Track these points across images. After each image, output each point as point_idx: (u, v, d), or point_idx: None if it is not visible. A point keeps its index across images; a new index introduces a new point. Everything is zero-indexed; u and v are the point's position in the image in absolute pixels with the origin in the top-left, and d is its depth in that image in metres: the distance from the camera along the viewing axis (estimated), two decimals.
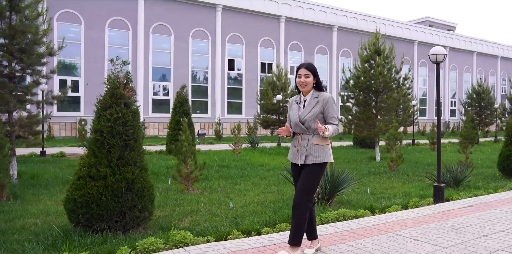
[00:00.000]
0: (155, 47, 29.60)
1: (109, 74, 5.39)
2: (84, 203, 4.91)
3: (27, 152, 15.47)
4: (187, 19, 30.34)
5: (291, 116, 4.32)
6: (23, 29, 8.80)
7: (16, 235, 5.03)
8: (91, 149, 5.13)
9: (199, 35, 31.19)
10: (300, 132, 4.22)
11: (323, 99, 4.18)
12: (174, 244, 4.55)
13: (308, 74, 4.19)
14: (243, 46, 33.15)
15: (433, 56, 7.46)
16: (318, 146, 4.12)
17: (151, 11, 29.00)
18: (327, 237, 5.00)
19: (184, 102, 15.42)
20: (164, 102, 29.77)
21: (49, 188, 8.46)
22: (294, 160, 4.28)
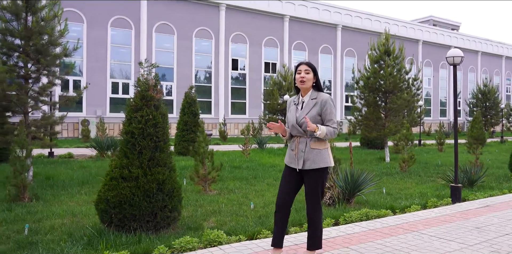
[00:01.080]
0: (158, 46, 29.79)
1: (138, 77, 5.59)
2: (117, 203, 5.11)
3: (35, 153, 15.62)
4: (190, 18, 30.53)
5: (288, 118, 4.24)
6: (39, 30, 8.99)
7: (49, 235, 5.23)
8: (122, 150, 5.32)
9: (203, 34, 31.39)
10: (297, 134, 4.11)
11: (322, 100, 4.08)
12: (208, 243, 4.75)
13: (308, 70, 4.11)
14: (247, 46, 33.36)
15: (451, 58, 7.68)
16: (317, 150, 4.02)
17: (154, 10, 29.19)
18: (355, 236, 5.21)
19: (192, 102, 15.61)
20: (168, 102, 29.95)
21: (66, 189, 8.64)
22: (291, 164, 4.17)
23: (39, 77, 9.43)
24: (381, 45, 14.77)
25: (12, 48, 9.11)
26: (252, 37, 33.47)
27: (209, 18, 31.35)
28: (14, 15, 8.99)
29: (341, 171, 7.37)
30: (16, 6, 8.87)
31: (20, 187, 7.35)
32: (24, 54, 9.05)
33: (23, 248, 4.73)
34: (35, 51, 9.14)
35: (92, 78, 27.43)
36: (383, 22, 40.77)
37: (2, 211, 6.57)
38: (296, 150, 4.09)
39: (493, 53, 53.17)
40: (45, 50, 9.20)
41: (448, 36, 47.80)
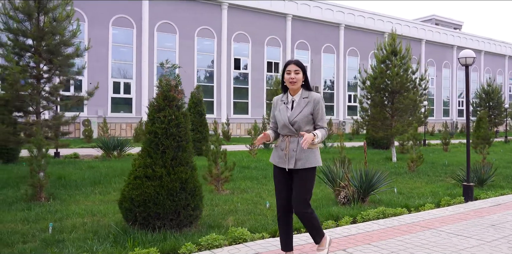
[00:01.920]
0: (160, 45, 29.95)
1: (160, 78, 5.77)
2: (141, 202, 5.28)
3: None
4: (192, 17, 30.70)
5: (277, 117, 4.19)
6: (52, 31, 9.17)
7: (74, 234, 5.40)
8: (145, 150, 5.50)
9: (205, 33, 31.56)
10: (288, 134, 4.09)
11: (314, 99, 4.09)
12: (233, 240, 4.94)
13: (298, 70, 4.07)
14: (249, 45, 33.54)
15: (463, 59, 7.86)
16: (309, 150, 4.02)
17: (156, 9, 29.35)
18: (374, 233, 5.40)
19: (198, 102, 15.78)
20: None
21: (79, 188, 8.81)
22: (280, 164, 4.14)
23: (51, 77, 9.60)
24: (388, 45, 14.94)
25: (24, 48, 9.29)
26: (255, 37, 33.65)
27: (211, 17, 31.52)
28: (26, 15, 9.16)
29: (355, 171, 7.56)
30: (28, 7, 9.04)
31: (37, 187, 7.52)
32: (36, 54, 9.21)
33: (51, 245, 4.89)
34: (48, 51, 9.31)
35: (93, 78, 27.55)
36: (386, 21, 41.00)
37: (22, 210, 6.75)
38: (286, 149, 4.06)
39: (496, 53, 53.43)
40: (57, 50, 9.37)
41: (451, 35, 48.04)
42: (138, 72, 28.90)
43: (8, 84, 8.73)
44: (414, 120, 14.53)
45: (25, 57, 9.56)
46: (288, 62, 4.15)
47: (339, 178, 7.45)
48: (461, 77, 49.74)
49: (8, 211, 6.66)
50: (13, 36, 9.27)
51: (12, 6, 9.13)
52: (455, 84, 48.97)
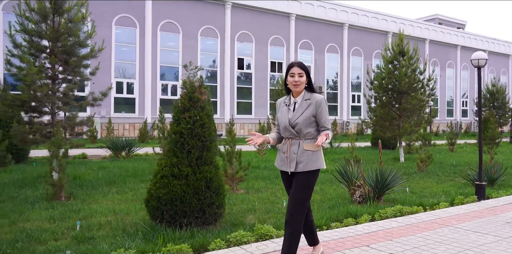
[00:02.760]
0: (163, 45, 30.18)
1: (184, 79, 6.01)
2: (168, 200, 5.52)
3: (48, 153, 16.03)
4: (195, 17, 30.94)
5: (279, 119, 4.20)
6: (68, 32, 9.40)
7: (101, 231, 5.64)
8: (171, 150, 5.74)
9: (208, 33, 31.81)
10: (289, 136, 4.09)
11: (316, 101, 4.06)
12: (260, 236, 5.18)
13: (302, 73, 4.06)
14: (253, 45, 33.79)
15: (475, 61, 8.11)
16: (311, 152, 4.00)
17: (159, 8, 29.58)
18: (394, 230, 5.65)
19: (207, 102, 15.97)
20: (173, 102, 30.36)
21: (96, 188, 9.04)
22: (283, 167, 4.14)
23: (66, 78, 9.83)
24: (396, 46, 15.18)
25: (40, 49, 9.51)
26: (258, 36, 33.90)
27: (215, 17, 31.77)
28: (42, 16, 9.39)
29: (370, 170, 7.81)
30: (44, 8, 9.28)
31: (57, 186, 7.76)
32: (52, 55, 9.44)
33: (83, 242, 5.13)
34: (63, 52, 9.54)
35: (96, 78, 27.72)
36: (390, 21, 41.31)
37: (46, 209, 6.98)
38: (288, 152, 4.06)
39: (500, 53, 53.72)
40: (73, 51, 9.61)
41: (455, 35, 48.33)
42: (141, 72, 29.13)
43: (25, 85, 8.97)
44: (422, 120, 14.77)
45: (40, 58, 9.78)
46: (292, 65, 4.13)
47: (354, 178, 7.70)
48: (464, 77, 50.02)
49: (32, 210, 6.90)
50: (29, 37, 9.49)
51: (28, 8, 9.37)
52: (459, 84, 49.25)
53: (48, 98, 9.34)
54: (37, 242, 5.17)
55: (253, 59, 33.89)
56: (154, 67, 29.60)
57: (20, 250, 4.79)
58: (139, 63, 29.06)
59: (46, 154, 15.67)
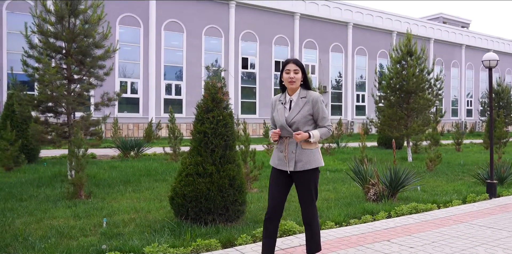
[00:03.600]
0: (167, 45, 30.43)
1: (207, 81, 6.29)
2: (193, 198, 5.81)
3: (58, 153, 16.33)
4: (199, 16, 31.20)
5: (275, 118, 4.19)
6: (84, 33, 9.68)
7: (128, 228, 5.92)
8: (196, 149, 6.02)
9: (212, 32, 32.06)
10: (287, 135, 4.07)
11: (312, 99, 4.07)
12: (283, 232, 5.46)
13: (297, 69, 4.06)
14: (257, 44, 34.05)
15: (487, 62, 8.39)
16: (309, 151, 4.03)
17: (163, 7, 29.82)
18: (411, 226, 5.94)
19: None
20: (177, 102, 30.61)
21: (112, 187, 9.31)
22: (280, 166, 4.13)
23: (82, 78, 10.11)
24: (403, 46, 15.46)
25: (57, 50, 9.79)
26: (262, 35, 34.17)
27: (219, 16, 32.03)
28: (59, 18, 9.68)
29: (384, 169, 8.09)
30: (61, 9, 9.56)
31: (77, 185, 8.03)
32: (69, 56, 9.72)
33: (112, 238, 5.40)
34: (79, 53, 9.82)
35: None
36: (395, 20, 41.58)
37: (69, 207, 7.25)
38: (286, 151, 4.06)
39: (505, 52, 53.92)
40: (88, 52, 9.89)
41: (460, 34, 48.57)
42: (145, 71, 29.38)
43: (43, 86, 9.25)
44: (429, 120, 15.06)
45: (55, 59, 10.06)
46: (287, 61, 4.13)
47: (369, 176, 7.98)
48: (469, 77, 50.26)
49: (55, 208, 7.17)
50: (44, 38, 9.76)
51: (45, 9, 9.65)
52: (463, 84, 49.48)
53: (64, 98, 9.61)
54: (67, 238, 5.43)
55: (257, 58, 34.16)
56: (158, 66, 29.85)
57: (54, 245, 5.05)
58: (143, 62, 29.31)
59: (55, 154, 16.01)
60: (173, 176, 10.67)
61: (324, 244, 5.02)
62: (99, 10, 9.97)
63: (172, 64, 30.63)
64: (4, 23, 25.29)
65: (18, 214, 6.71)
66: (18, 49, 25.59)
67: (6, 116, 13.27)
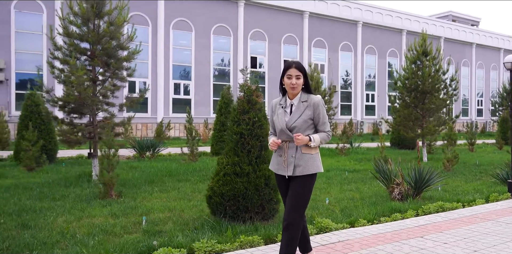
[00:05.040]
0: (176, 44, 30.83)
1: (242, 84, 6.67)
2: (231, 197, 6.18)
3: (74, 153, 16.73)
4: (208, 15, 31.60)
5: (275, 122, 4.18)
6: (110, 35, 10.07)
7: (167, 226, 6.29)
8: (232, 149, 6.39)
9: (221, 31, 32.46)
10: (286, 139, 4.08)
11: (313, 103, 4.06)
12: (320, 229, 5.84)
13: (299, 75, 4.03)
14: (266, 43, 34.44)
15: (508, 64, 8.74)
16: (309, 155, 4.03)
17: (172, 6, 30.21)
18: (441, 224, 6.31)
19: (229, 103, 16.63)
20: (185, 102, 31.00)
21: (138, 187, 9.68)
22: (279, 171, 4.16)
23: (107, 79, 10.50)
24: (419, 46, 15.80)
25: (83, 52, 10.18)
26: (271, 34, 34.54)
27: (228, 15, 32.42)
28: (84, 20, 10.07)
29: (408, 169, 8.46)
30: (87, 12, 9.95)
31: (108, 185, 8.41)
32: (96, 57, 10.10)
33: (154, 235, 5.76)
34: (104, 54, 10.20)
35: None
36: (404, 18, 41.95)
37: (103, 206, 7.62)
38: (285, 155, 4.06)
39: None
40: (114, 53, 10.28)
41: (470, 33, 48.87)
42: (153, 71, 29.78)
43: (71, 87, 9.64)
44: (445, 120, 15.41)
45: (80, 60, 10.44)
46: (289, 65, 4.08)
47: (393, 176, 8.35)
48: (479, 76, 50.55)
49: (91, 207, 7.54)
50: (71, 40, 10.14)
51: (71, 11, 10.04)
52: (474, 83, 49.78)
53: (91, 99, 10.00)
54: (112, 235, 5.80)
55: (266, 57, 34.54)
56: (166, 66, 30.25)
57: (101, 242, 5.41)
58: (151, 62, 29.71)
59: (71, 154, 16.40)
60: (196, 176, 11.12)
61: (362, 240, 5.40)
62: (124, 12, 10.33)
63: (181, 64, 31.01)
64: (12, 22, 25.69)
65: (57, 212, 7.07)
66: (25, 49, 26.08)
67: (25, 116, 13.64)
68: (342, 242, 5.35)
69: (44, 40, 26.42)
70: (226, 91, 16.90)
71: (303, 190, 4.00)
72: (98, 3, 10.15)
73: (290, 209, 4.00)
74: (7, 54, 25.51)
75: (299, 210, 4.00)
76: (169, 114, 30.02)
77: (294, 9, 35.29)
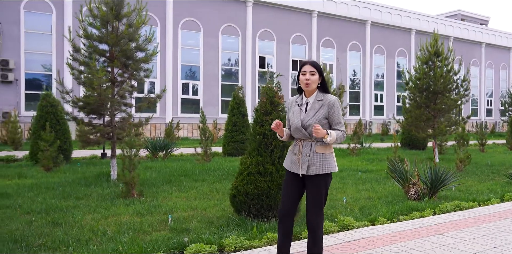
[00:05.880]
0: (184, 44, 31.13)
1: (264, 86, 6.95)
2: (255, 195, 6.46)
3: (87, 154, 17.06)
4: (216, 15, 31.90)
5: (291, 119, 4.27)
6: (129, 37, 10.37)
7: (192, 224, 6.57)
8: (256, 149, 6.67)
9: (229, 31, 32.76)
10: (301, 137, 4.16)
11: (329, 102, 4.13)
12: (342, 227, 6.12)
13: (314, 71, 4.11)
14: (274, 43, 34.72)
15: None
16: (322, 155, 4.09)
17: (180, 6, 30.48)
18: (459, 222, 6.58)
19: (241, 103, 16.92)
20: (194, 102, 31.31)
21: (157, 186, 9.97)
22: (293, 169, 4.22)
23: (125, 81, 10.80)
24: (431, 46, 16.02)
25: (102, 54, 10.49)
26: (280, 34, 34.81)
27: (236, 14, 32.70)
28: (104, 22, 10.37)
29: (425, 169, 8.73)
30: (107, 14, 10.25)
31: (130, 184, 8.70)
32: (115, 59, 10.39)
33: (182, 233, 6.04)
34: (123, 56, 10.50)
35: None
36: (413, 18, 42.14)
37: (127, 205, 7.90)
38: (299, 154, 4.13)
39: None
40: (132, 55, 10.58)
41: (480, 32, 48.97)
42: (162, 71, 30.09)
43: (91, 88, 9.95)
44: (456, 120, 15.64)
45: (99, 62, 10.75)
46: (304, 63, 4.18)
47: (410, 176, 8.62)
48: (489, 76, 50.65)
49: (115, 206, 7.84)
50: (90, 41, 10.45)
51: (91, 14, 10.35)
52: (483, 83, 49.90)
53: (110, 100, 10.30)
54: (141, 233, 6.09)
55: (274, 57, 34.82)
56: (175, 66, 30.55)
57: (132, 239, 5.70)
58: (160, 62, 30.01)
59: (84, 154, 16.72)
60: (211, 176, 11.41)
61: (384, 237, 5.67)
62: (143, 14, 10.63)
63: (189, 64, 31.32)
64: (22, 22, 26.02)
65: (83, 211, 7.37)
66: (35, 49, 26.43)
67: (41, 117, 13.93)
68: (365, 239, 5.62)
69: (54, 40, 26.78)
70: (237, 92, 17.16)
71: (319, 190, 4.08)
72: (117, 5, 10.45)
73: (312, 211, 4.11)
74: (17, 54, 25.84)
75: (319, 209, 4.11)
76: (177, 114, 30.32)
77: (302, 9, 35.56)
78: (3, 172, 11.76)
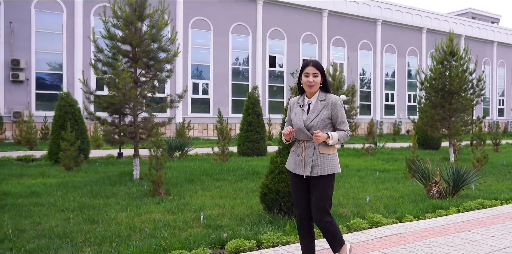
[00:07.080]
0: (194, 43, 31.48)
1: (293, 86, 7.27)
2: (286, 193, 6.78)
3: (104, 153, 17.42)
4: (227, 14, 32.24)
5: (293, 121, 4.29)
6: (152, 38, 10.72)
7: (224, 221, 6.89)
8: (286, 148, 6.99)
9: (240, 30, 33.10)
10: (304, 138, 4.18)
11: (331, 102, 4.15)
12: (372, 224, 6.44)
13: (317, 73, 4.13)
14: (285, 42, 35.04)
15: None
16: (326, 155, 4.12)
17: (190, 4, 30.83)
18: (484, 220, 6.89)
19: (256, 103, 17.23)
20: (204, 101, 31.65)
21: (180, 186, 10.28)
22: (297, 171, 4.25)
23: (148, 81, 11.15)
24: (447, 46, 16.29)
25: (126, 54, 10.83)
26: (290, 33, 35.13)
27: (246, 13, 33.04)
28: (127, 23, 10.72)
29: (447, 168, 9.03)
30: (131, 15, 10.60)
31: (157, 183, 9.03)
32: (139, 60, 10.74)
33: (216, 229, 6.36)
34: (146, 56, 10.85)
35: None
36: (424, 16, 42.38)
37: (157, 203, 8.22)
38: (303, 155, 4.16)
39: None
40: (155, 56, 10.92)
41: (491, 31, 49.12)
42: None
43: (116, 88, 10.29)
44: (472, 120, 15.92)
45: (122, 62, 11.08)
46: (307, 63, 4.19)
47: (432, 175, 8.93)
48: (501, 75, 50.79)
49: (145, 204, 8.16)
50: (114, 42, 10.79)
51: (115, 15, 10.70)
52: (495, 82, 50.06)
53: (134, 100, 10.65)
54: (177, 229, 6.41)
55: (284, 56, 35.14)
56: (185, 65, 30.89)
57: (172, 236, 6.01)
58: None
59: (100, 154, 17.07)
60: (231, 175, 11.72)
61: (414, 234, 5.99)
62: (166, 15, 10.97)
63: (199, 63, 31.65)
64: (33, 22, 26.41)
65: (115, 209, 7.70)
66: (45, 49, 26.82)
67: (59, 117, 14.28)
68: (396, 235, 5.93)
69: (64, 39, 27.16)
70: (252, 92, 17.47)
71: (325, 191, 4.15)
72: (140, 6, 10.79)
73: (315, 210, 4.19)
74: (27, 54, 26.25)
75: (323, 209, 4.17)
76: (187, 114, 30.65)
77: (312, 8, 35.86)
78: (26, 171, 12.13)
